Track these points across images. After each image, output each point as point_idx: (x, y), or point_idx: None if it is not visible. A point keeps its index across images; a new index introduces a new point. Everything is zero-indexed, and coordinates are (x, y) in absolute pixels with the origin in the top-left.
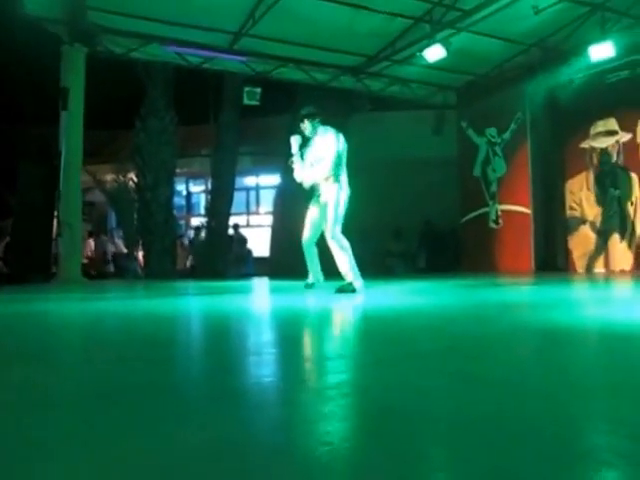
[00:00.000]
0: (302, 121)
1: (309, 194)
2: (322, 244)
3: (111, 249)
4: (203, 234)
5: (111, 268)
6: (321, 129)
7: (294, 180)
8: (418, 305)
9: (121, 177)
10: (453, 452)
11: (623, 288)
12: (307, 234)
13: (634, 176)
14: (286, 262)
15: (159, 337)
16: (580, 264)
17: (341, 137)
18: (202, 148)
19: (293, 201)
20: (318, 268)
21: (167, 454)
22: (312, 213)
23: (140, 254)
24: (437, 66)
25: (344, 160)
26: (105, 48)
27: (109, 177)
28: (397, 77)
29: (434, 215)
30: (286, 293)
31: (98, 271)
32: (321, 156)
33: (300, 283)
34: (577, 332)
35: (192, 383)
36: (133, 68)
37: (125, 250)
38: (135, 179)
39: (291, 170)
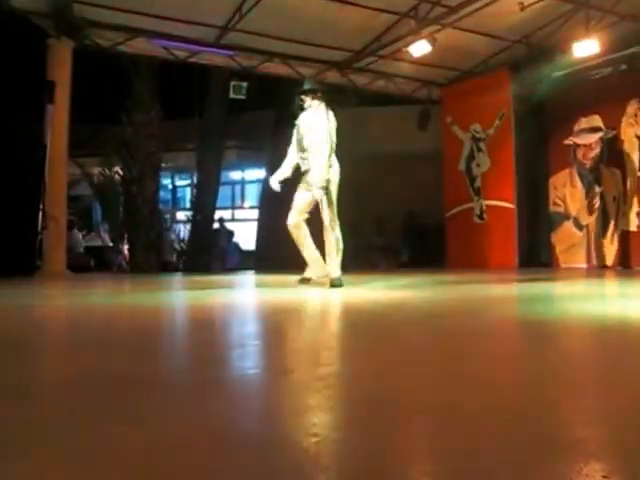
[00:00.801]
0: (303, 96)
1: (297, 177)
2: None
3: (81, 245)
4: (189, 227)
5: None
6: (315, 104)
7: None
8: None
9: (107, 170)
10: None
11: (599, 283)
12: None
13: (617, 172)
14: (272, 256)
15: (143, 329)
16: (564, 259)
17: (331, 114)
18: (188, 142)
19: (278, 195)
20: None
21: (151, 444)
22: (301, 196)
23: (125, 248)
24: (422, 61)
25: (334, 139)
26: (92, 41)
27: (95, 170)
28: (382, 72)
29: (418, 210)
30: (272, 287)
31: (80, 265)
32: (314, 130)
33: (287, 277)
34: (555, 325)
35: (175, 374)
36: (119, 61)
37: (110, 243)
38: (121, 172)
39: (278, 163)
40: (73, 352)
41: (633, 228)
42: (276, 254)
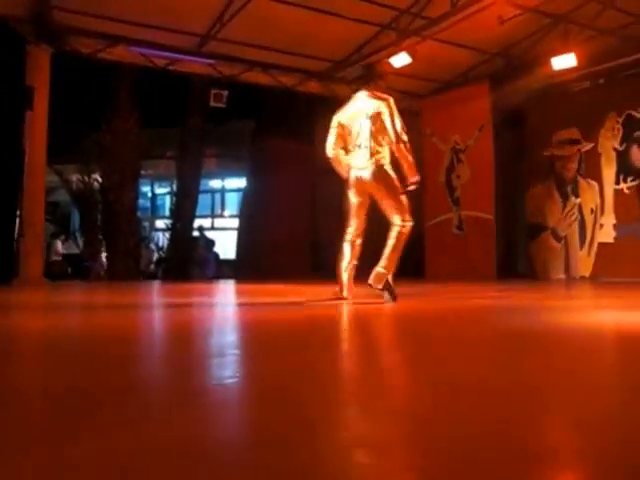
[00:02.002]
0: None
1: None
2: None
3: (59, 252)
4: (168, 236)
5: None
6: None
7: (260, 182)
8: None
9: (86, 178)
10: None
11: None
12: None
13: (595, 185)
14: (253, 265)
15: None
16: (541, 270)
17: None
18: (168, 150)
19: (259, 204)
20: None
21: (125, 455)
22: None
23: (103, 255)
24: (403, 73)
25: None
26: (71, 48)
27: (74, 177)
28: None
29: None
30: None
31: (57, 272)
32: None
33: (268, 286)
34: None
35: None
36: (100, 68)
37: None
38: (100, 180)
39: (258, 172)
40: (45, 363)
41: (610, 240)
42: (257, 263)
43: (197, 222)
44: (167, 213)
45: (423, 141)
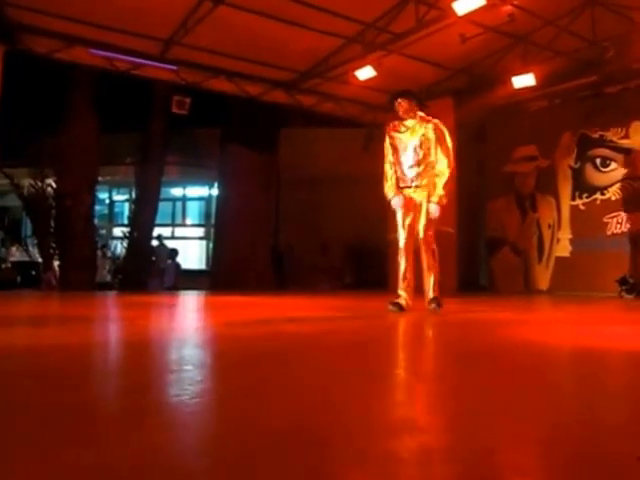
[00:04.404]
0: (397, 101)
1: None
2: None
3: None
4: (125, 244)
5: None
6: (420, 114)
7: (224, 191)
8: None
9: (39, 182)
10: None
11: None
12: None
13: (552, 200)
14: (227, 276)
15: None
16: (501, 284)
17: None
18: (127, 156)
19: (223, 213)
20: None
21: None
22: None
23: (56, 264)
24: (368, 86)
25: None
26: (26, 47)
27: (26, 182)
28: (329, 94)
29: (362, 232)
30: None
31: (5, 280)
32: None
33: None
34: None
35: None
36: (57, 69)
37: (40, 259)
38: (54, 185)
39: (223, 181)
40: None
41: (566, 254)
42: (219, 274)
43: (157, 231)
44: (126, 221)
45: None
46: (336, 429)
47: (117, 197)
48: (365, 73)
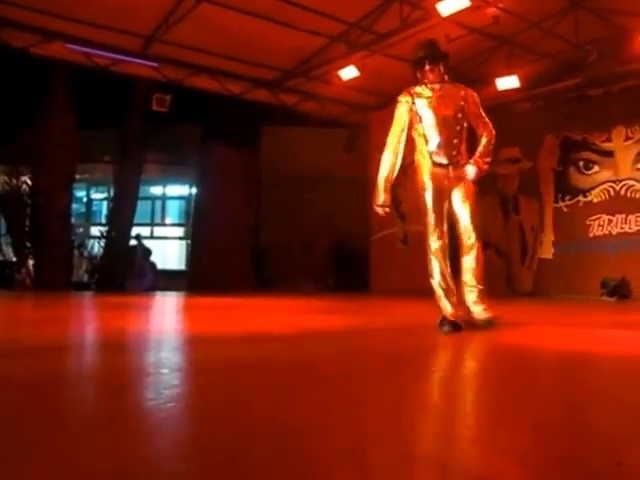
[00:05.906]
0: (438, 65)
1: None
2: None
3: None
4: (103, 244)
5: None
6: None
7: (204, 190)
8: None
9: (14, 180)
10: None
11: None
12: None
13: (535, 202)
14: (207, 277)
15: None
16: (485, 286)
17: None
18: (105, 154)
19: (204, 212)
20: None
21: None
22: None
23: (30, 263)
24: (351, 86)
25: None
26: (2, 41)
27: (0, 179)
28: (312, 94)
29: (345, 232)
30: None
31: None
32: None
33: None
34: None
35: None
36: (34, 64)
37: (14, 259)
38: (30, 182)
39: (203, 179)
40: None
41: (549, 256)
42: (211, 274)
43: (135, 230)
44: (103, 220)
45: (371, 154)
46: (317, 430)
47: (95, 195)
48: (348, 73)
